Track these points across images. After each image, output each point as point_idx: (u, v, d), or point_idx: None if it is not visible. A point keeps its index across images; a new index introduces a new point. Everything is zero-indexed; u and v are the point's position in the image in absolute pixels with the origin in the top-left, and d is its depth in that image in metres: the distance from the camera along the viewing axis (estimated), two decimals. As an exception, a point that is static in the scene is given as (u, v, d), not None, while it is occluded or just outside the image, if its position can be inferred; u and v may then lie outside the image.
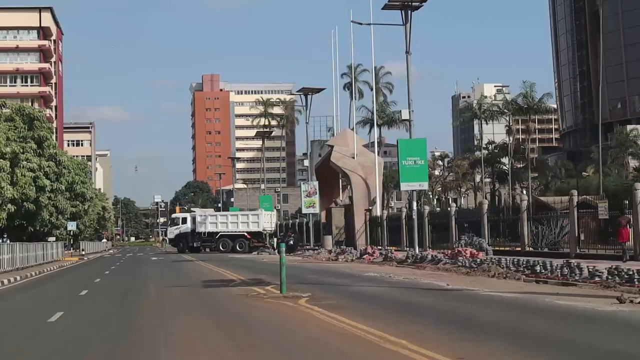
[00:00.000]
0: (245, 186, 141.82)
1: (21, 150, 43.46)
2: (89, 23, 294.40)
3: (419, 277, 22.86)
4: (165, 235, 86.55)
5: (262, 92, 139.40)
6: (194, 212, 67.46)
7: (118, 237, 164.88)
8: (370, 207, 55.57)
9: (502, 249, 35.67)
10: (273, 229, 64.08)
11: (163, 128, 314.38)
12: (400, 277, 23.17)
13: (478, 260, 27.18)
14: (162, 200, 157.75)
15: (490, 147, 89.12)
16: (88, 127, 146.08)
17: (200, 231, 63.46)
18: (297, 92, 56.99)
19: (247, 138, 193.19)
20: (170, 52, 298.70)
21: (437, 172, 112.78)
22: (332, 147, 61.24)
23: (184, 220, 65.77)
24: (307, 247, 57.64)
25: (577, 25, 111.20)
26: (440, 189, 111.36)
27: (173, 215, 70.91)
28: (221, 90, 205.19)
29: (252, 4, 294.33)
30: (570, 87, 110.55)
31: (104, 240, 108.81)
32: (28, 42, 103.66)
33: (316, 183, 56.31)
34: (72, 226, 59.93)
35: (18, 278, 29.50)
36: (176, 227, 66.19)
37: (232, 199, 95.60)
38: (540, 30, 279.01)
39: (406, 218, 48.78)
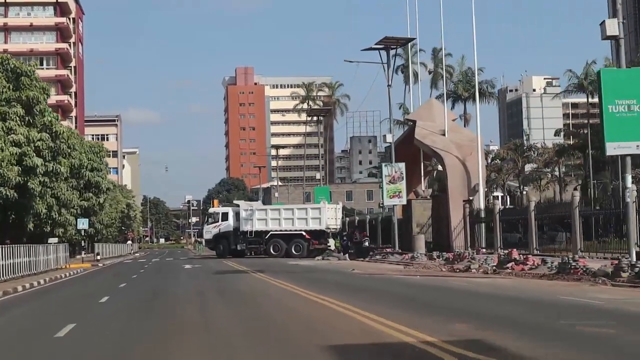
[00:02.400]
0: (283, 184, 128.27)
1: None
2: (104, 19, 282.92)
3: None
4: (199, 236, 72.34)
5: (298, 86, 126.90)
6: (237, 206, 52.66)
7: (147, 238, 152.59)
8: (471, 198, 42.95)
9: None
10: (339, 226, 49.99)
11: (191, 129, 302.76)
12: None
13: None
14: (194, 199, 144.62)
15: (582, 132, 75.05)
16: (114, 120, 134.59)
17: (245, 230, 49.72)
18: (375, 45, 43.02)
19: (283, 134, 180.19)
20: (192, 52, 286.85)
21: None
22: (414, 122, 48.01)
23: (225, 216, 51.48)
24: (388, 249, 43.64)
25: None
26: (506, 181, 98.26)
27: (210, 210, 55.67)
28: (255, 84, 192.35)
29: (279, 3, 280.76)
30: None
31: (129, 242, 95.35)
32: (43, 19, 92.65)
33: (402, 165, 42.24)
34: (83, 224, 46.77)
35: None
36: (214, 225, 51.82)
37: (277, 194, 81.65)
38: (592, 18, 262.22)
39: (535, 210, 36.40)
